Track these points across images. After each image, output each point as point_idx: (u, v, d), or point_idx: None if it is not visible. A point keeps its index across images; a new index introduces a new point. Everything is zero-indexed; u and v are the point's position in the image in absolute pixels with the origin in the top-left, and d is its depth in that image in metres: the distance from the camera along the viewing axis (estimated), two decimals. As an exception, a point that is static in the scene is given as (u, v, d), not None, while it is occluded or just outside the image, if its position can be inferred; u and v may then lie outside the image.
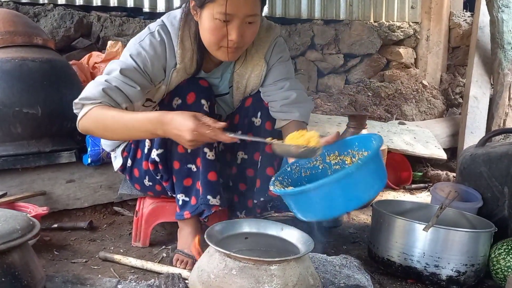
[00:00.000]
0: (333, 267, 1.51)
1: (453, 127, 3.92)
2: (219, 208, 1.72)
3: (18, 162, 2.19)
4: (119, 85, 1.50)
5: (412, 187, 3.23)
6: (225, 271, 1.19)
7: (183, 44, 1.63)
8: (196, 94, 1.68)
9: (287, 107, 1.74)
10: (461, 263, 1.65)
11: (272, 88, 1.78)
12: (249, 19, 1.50)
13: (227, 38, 1.51)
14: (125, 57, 1.58)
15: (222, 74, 1.80)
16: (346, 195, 1.26)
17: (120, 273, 1.72)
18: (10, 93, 2.13)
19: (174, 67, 1.64)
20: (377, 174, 1.33)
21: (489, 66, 3.75)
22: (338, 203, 1.27)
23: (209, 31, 1.53)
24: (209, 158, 1.70)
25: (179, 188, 1.77)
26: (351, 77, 4.31)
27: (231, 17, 1.47)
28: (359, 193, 1.28)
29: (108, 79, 1.50)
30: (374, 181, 1.31)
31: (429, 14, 4.42)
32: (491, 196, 2.08)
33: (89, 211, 2.40)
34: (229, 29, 1.49)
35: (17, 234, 1.18)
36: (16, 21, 2.31)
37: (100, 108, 1.46)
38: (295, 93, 1.75)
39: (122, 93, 1.50)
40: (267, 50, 1.76)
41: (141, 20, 3.39)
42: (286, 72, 1.80)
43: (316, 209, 1.29)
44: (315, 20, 4.11)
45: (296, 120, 1.74)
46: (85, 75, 2.69)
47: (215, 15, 1.47)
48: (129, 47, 1.61)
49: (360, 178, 1.27)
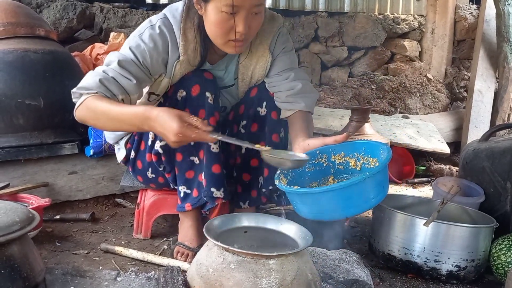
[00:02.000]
0: (332, 262, 1.50)
1: (457, 121, 3.90)
2: (222, 200, 1.72)
3: (20, 153, 2.19)
4: (116, 76, 1.50)
5: (414, 181, 3.22)
6: (224, 265, 1.19)
7: (185, 36, 1.62)
8: (200, 86, 1.67)
9: (292, 97, 1.74)
10: (462, 258, 1.65)
11: (277, 78, 1.77)
12: (255, 10, 1.49)
13: (234, 31, 1.50)
14: (124, 49, 1.58)
15: (226, 66, 1.79)
16: (348, 202, 1.29)
17: (121, 265, 1.73)
18: (12, 84, 2.14)
19: (177, 59, 1.63)
20: (382, 186, 1.35)
21: (494, 60, 3.72)
22: (339, 208, 1.30)
23: (215, 25, 1.52)
24: (213, 151, 1.70)
25: (181, 180, 1.77)
26: (355, 70, 4.29)
27: (238, 8, 1.46)
28: (361, 202, 1.31)
29: (106, 70, 1.51)
30: (378, 192, 1.33)
31: (434, 6, 4.38)
32: (493, 191, 2.07)
33: (91, 203, 2.41)
34: (236, 21, 1.48)
35: (16, 227, 1.19)
36: (19, 12, 2.30)
37: (94, 98, 1.46)
38: (300, 83, 1.75)
39: (118, 84, 1.50)
40: (271, 41, 1.75)
41: (144, 12, 3.39)
42: (290, 63, 1.80)
43: (316, 210, 1.33)
44: (319, 12, 4.09)
45: (302, 110, 1.74)
46: (87, 67, 2.69)
47: (222, 8, 1.46)
48: (129, 39, 1.61)
49: (366, 189, 1.29)
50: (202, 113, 1.67)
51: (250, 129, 1.84)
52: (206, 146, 1.70)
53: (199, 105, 1.67)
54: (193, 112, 1.66)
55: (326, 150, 1.53)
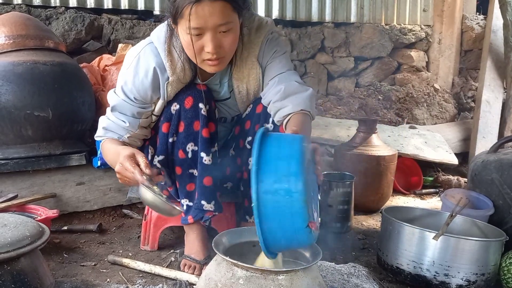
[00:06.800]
0: (341, 276, 1.49)
1: (465, 132, 3.88)
2: (213, 213, 1.73)
3: (29, 164, 2.21)
4: (115, 121, 1.66)
5: (422, 192, 3.20)
6: (232, 280, 1.19)
7: (171, 55, 1.62)
8: (193, 98, 1.67)
9: (279, 103, 1.61)
10: (471, 272, 1.63)
11: (266, 89, 1.71)
12: (222, 28, 1.45)
13: (204, 51, 1.49)
14: (117, 89, 1.67)
15: (220, 80, 1.78)
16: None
17: (129, 277, 1.72)
18: (21, 96, 2.15)
19: (167, 80, 1.64)
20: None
21: (502, 70, 3.71)
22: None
23: (186, 46, 1.52)
24: (205, 163, 1.70)
25: (183, 193, 1.78)
26: (362, 81, 4.29)
27: (201, 30, 1.44)
28: None
29: (107, 116, 1.68)
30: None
31: (441, 17, 4.38)
32: (502, 203, 2.05)
33: (98, 214, 2.42)
34: (204, 41, 1.46)
35: (26, 241, 1.19)
36: (28, 24, 2.33)
37: (107, 142, 1.66)
38: (283, 85, 1.62)
39: (119, 127, 1.66)
40: (259, 52, 1.70)
41: (151, 23, 3.41)
42: (280, 67, 1.70)
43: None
44: (326, 23, 4.09)
45: (292, 112, 1.58)
46: (95, 78, 2.71)
47: (186, 30, 1.45)
48: (120, 75, 1.68)
49: None
50: (196, 125, 1.68)
51: None
52: (199, 158, 1.70)
53: (193, 117, 1.68)
54: (187, 124, 1.68)
55: None
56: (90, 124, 2.45)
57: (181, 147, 1.71)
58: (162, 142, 1.72)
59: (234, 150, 1.92)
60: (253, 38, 1.69)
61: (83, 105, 2.35)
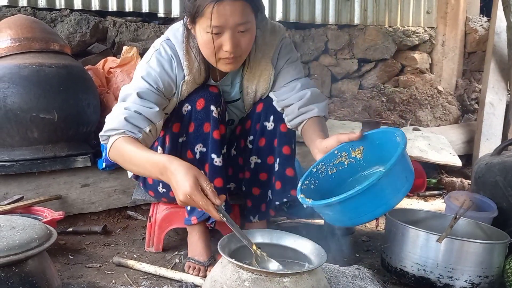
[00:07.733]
0: (346, 279, 1.50)
1: (469, 134, 3.88)
2: None
3: (34, 166, 2.22)
4: (139, 109, 1.53)
5: (426, 194, 3.20)
6: (238, 283, 1.19)
7: (189, 55, 1.64)
8: (205, 100, 1.69)
9: (305, 107, 1.71)
10: (475, 275, 1.63)
11: (284, 90, 1.76)
12: (241, 28, 1.48)
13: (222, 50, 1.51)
14: (137, 80, 1.61)
15: (232, 81, 1.80)
16: (374, 203, 1.28)
17: (134, 279, 1.73)
18: (27, 98, 2.17)
19: (183, 79, 1.66)
20: (404, 176, 1.33)
21: (505, 72, 3.70)
22: (366, 211, 1.29)
23: (203, 45, 1.54)
24: (216, 164, 1.71)
25: None
26: (365, 82, 4.30)
27: (221, 28, 1.46)
28: (387, 199, 1.30)
29: (127, 107, 1.53)
30: (402, 183, 1.32)
31: (444, 19, 4.38)
32: (506, 205, 2.05)
33: (103, 215, 2.43)
34: (222, 40, 1.49)
35: (35, 243, 1.20)
36: (34, 27, 2.34)
37: (122, 141, 1.49)
38: (309, 91, 1.72)
39: (143, 117, 1.53)
40: (273, 54, 1.74)
41: (156, 25, 3.42)
42: (296, 73, 1.78)
43: (344, 217, 1.33)
44: (329, 25, 4.10)
45: (316, 116, 1.70)
46: (100, 80, 2.72)
47: (206, 28, 1.47)
48: (139, 69, 1.65)
49: (387, 185, 1.27)
50: (207, 126, 1.69)
51: (258, 144, 1.84)
52: (210, 159, 1.71)
53: (204, 119, 1.69)
54: (198, 125, 1.69)
55: (344, 148, 1.51)
56: (95, 126, 2.47)
57: (190, 148, 1.72)
58: (172, 142, 1.73)
59: (235, 150, 1.94)
60: (267, 40, 1.72)
61: (88, 107, 2.36)
